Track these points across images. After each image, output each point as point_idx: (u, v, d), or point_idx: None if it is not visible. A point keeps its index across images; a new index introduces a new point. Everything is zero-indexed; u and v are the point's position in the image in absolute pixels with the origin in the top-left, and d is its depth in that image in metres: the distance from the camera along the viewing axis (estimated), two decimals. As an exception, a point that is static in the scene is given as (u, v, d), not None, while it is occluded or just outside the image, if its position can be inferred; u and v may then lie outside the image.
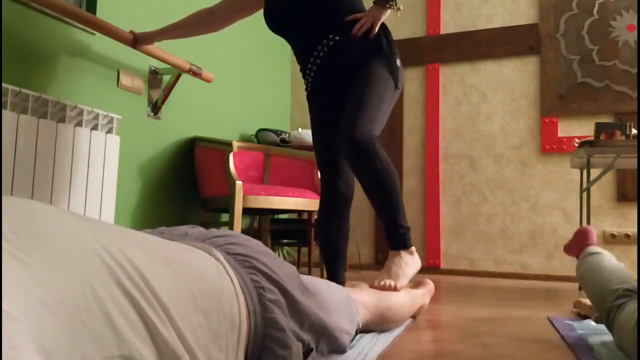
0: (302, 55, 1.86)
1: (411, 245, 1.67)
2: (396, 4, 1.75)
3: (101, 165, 2.00)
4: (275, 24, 1.86)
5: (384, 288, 1.51)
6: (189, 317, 0.70)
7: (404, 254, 1.64)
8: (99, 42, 2.16)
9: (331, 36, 1.76)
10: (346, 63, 1.77)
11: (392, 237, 1.65)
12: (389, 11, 1.75)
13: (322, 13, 1.78)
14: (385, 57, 1.77)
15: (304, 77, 1.90)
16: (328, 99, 1.85)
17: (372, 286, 1.52)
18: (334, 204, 1.86)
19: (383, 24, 1.80)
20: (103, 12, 2.17)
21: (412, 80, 3.60)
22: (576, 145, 2.66)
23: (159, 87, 2.52)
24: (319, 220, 1.90)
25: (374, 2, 1.76)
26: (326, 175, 1.88)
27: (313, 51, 1.80)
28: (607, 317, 1.17)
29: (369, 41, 1.77)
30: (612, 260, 1.39)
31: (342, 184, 1.85)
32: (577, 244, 1.59)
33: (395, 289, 1.52)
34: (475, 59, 3.50)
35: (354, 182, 1.88)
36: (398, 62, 1.81)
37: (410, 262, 1.63)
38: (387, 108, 1.73)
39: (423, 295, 1.69)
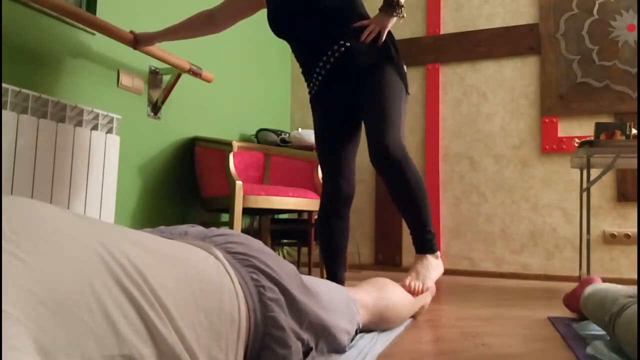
0: (308, 59, 1.87)
1: (437, 250, 1.76)
2: (402, 13, 1.77)
3: (101, 165, 2.00)
4: (279, 29, 1.87)
5: (412, 290, 1.61)
6: (190, 316, 0.70)
7: (430, 257, 1.74)
8: (99, 42, 2.17)
9: (342, 42, 1.78)
10: (357, 69, 1.79)
11: (420, 242, 1.74)
12: (395, 19, 1.78)
13: (329, 19, 1.79)
14: (395, 64, 1.81)
15: (307, 80, 1.91)
16: (336, 102, 1.87)
17: (402, 286, 1.61)
18: (336, 203, 1.87)
19: (388, 31, 1.82)
20: (103, 12, 2.17)
21: (412, 80, 3.60)
22: (576, 145, 2.66)
23: (159, 87, 2.52)
24: (320, 219, 1.91)
25: (380, 9, 1.78)
26: (328, 174, 1.89)
27: (322, 56, 1.81)
28: (609, 320, 1.17)
29: (378, 48, 1.80)
30: (611, 285, 1.44)
31: (344, 183, 1.87)
32: (582, 287, 1.62)
33: (422, 292, 1.64)
34: (475, 59, 3.50)
35: (355, 181, 1.91)
36: (405, 67, 1.86)
37: (435, 266, 1.74)
38: (404, 114, 1.80)
39: (425, 295, 1.69)
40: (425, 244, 1.73)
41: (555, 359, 1.22)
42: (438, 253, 1.76)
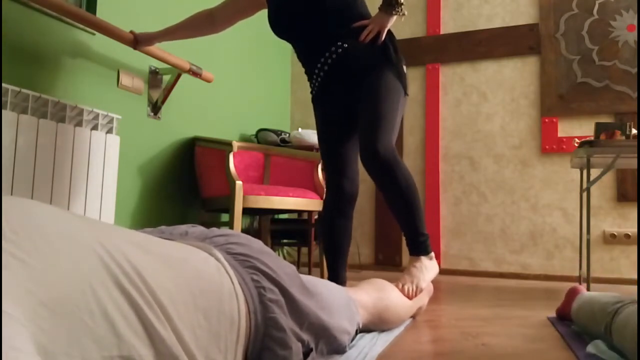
0: (309, 60, 1.87)
1: (431, 252, 1.75)
2: (402, 11, 1.76)
3: (101, 165, 2.00)
4: (280, 28, 1.87)
5: (406, 294, 1.60)
6: (189, 317, 0.70)
7: (424, 259, 1.73)
8: (99, 42, 2.16)
9: (339, 43, 1.78)
10: (355, 70, 1.79)
11: (414, 244, 1.73)
12: (395, 18, 1.77)
13: (329, 19, 1.79)
14: (394, 64, 1.80)
15: (309, 80, 1.91)
16: (335, 103, 1.87)
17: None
18: (339, 202, 1.87)
19: (389, 31, 1.81)
20: (103, 12, 2.17)
21: (412, 80, 3.60)
22: (576, 145, 2.66)
23: (159, 87, 2.52)
24: (324, 219, 1.91)
25: (379, 9, 1.77)
26: (331, 175, 1.89)
27: (320, 57, 1.81)
28: (605, 329, 1.17)
29: (377, 48, 1.79)
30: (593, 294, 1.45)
31: (347, 183, 1.86)
32: (570, 300, 1.63)
33: (416, 295, 1.63)
34: (475, 59, 3.50)
35: (358, 181, 1.90)
36: (404, 68, 1.84)
37: (429, 267, 1.72)
38: (400, 116, 1.78)
39: (422, 296, 1.69)
40: (419, 246, 1.72)
41: (555, 359, 1.22)
42: (432, 254, 1.75)
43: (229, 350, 0.77)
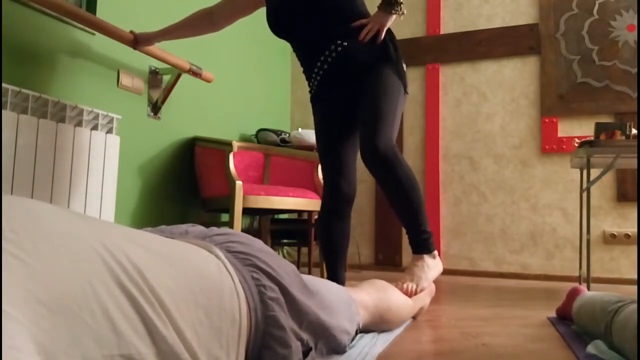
0: (307, 59, 1.86)
1: (434, 250, 1.73)
2: (401, 10, 1.76)
3: (101, 165, 2.00)
4: (279, 28, 1.86)
5: (406, 292, 1.58)
6: (190, 315, 0.70)
7: (426, 257, 1.71)
8: (99, 42, 2.17)
9: (339, 42, 1.77)
10: (354, 69, 1.78)
11: (416, 242, 1.71)
12: (394, 17, 1.77)
13: (328, 18, 1.79)
14: (394, 63, 1.79)
15: (307, 79, 1.91)
16: (335, 103, 1.87)
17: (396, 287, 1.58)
18: (337, 204, 1.86)
19: (388, 29, 1.81)
20: (103, 12, 2.17)
21: (412, 80, 3.59)
22: (576, 145, 2.66)
23: (159, 87, 2.52)
24: (321, 220, 1.90)
25: (378, 7, 1.77)
26: (329, 175, 1.88)
27: (320, 56, 1.80)
28: (606, 329, 1.18)
29: (377, 47, 1.79)
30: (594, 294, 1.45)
31: (344, 184, 1.86)
32: (570, 300, 1.63)
33: (416, 293, 1.61)
34: (475, 59, 3.50)
35: (356, 182, 1.90)
36: (404, 66, 1.84)
37: (432, 266, 1.71)
38: (400, 114, 1.78)
39: (423, 296, 1.69)
40: (421, 244, 1.71)
41: (555, 359, 1.22)
42: (435, 252, 1.74)
43: (231, 347, 0.77)
